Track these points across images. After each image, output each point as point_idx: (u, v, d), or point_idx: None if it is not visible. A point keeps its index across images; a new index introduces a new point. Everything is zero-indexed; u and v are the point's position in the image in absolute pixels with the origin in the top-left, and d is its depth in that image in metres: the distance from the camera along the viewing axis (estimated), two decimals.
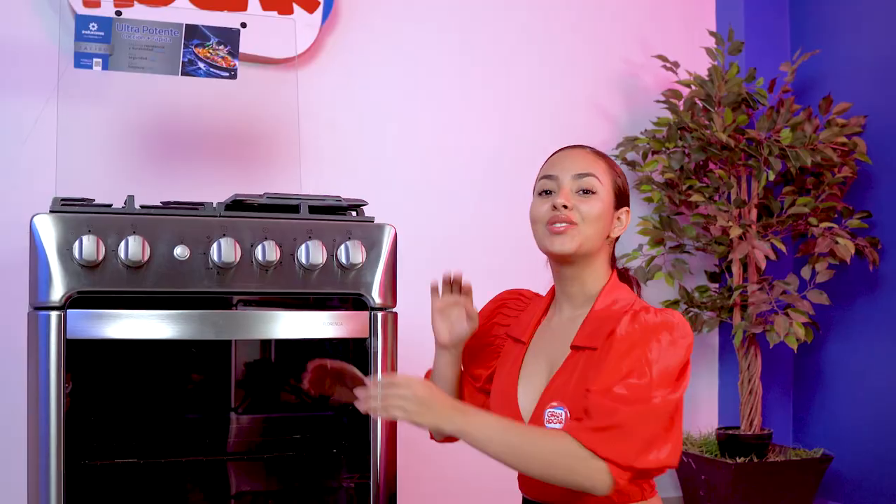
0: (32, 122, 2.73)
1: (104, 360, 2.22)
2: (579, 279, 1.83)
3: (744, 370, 3.24)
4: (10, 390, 2.65)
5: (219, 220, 1.78)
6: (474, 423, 1.64)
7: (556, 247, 1.79)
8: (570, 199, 1.79)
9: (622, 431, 1.61)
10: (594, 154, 1.86)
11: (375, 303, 1.86)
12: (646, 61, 3.52)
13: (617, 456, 1.60)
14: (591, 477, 1.61)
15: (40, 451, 1.70)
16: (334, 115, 3.10)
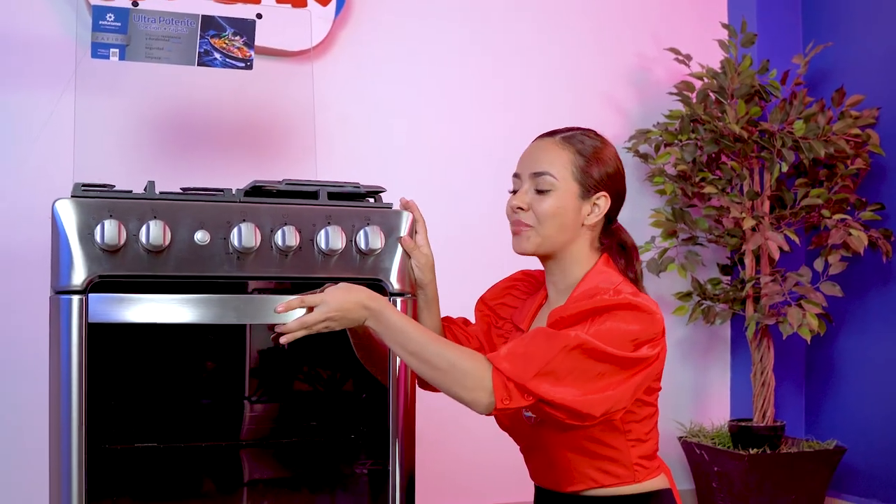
0: (49, 113, 2.75)
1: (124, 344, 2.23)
2: (559, 268, 1.83)
3: (756, 362, 3.24)
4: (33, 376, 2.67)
5: (239, 206, 1.79)
6: (391, 310, 1.69)
7: (516, 248, 1.83)
8: (524, 200, 1.79)
9: (526, 352, 1.61)
10: (560, 144, 1.80)
11: (394, 288, 1.87)
12: (658, 54, 3.53)
13: (511, 371, 1.60)
14: (474, 389, 1.62)
15: (62, 435, 1.70)
16: (347, 107, 3.12)
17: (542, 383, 1.59)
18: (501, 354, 1.63)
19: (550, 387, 1.59)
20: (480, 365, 1.62)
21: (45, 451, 1.78)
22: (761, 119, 3.32)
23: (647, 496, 1.75)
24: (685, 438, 3.31)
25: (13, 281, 2.78)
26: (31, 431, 2.69)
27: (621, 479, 1.73)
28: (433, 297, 1.95)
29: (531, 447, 1.82)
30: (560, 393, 1.59)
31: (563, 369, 1.60)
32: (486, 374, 1.61)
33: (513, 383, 1.59)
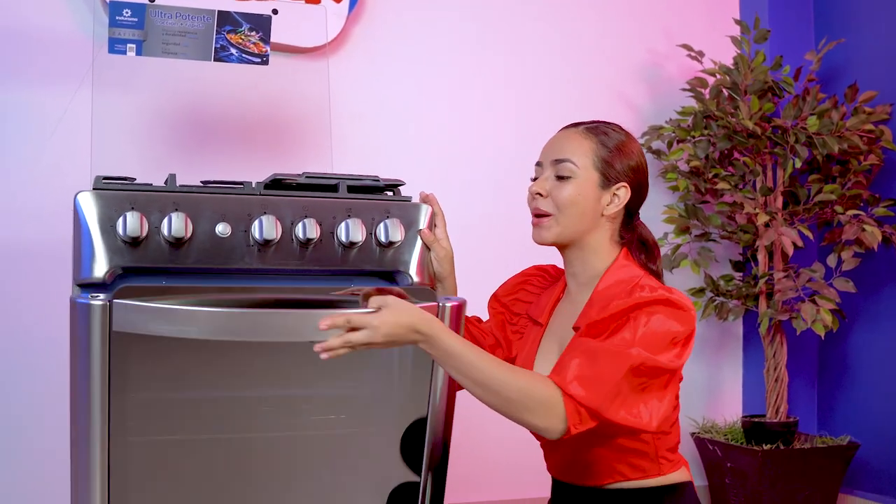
0: (64, 110, 2.76)
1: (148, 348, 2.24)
2: (580, 260, 1.83)
3: (769, 358, 3.24)
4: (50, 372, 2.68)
5: (259, 199, 1.79)
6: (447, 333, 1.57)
7: (536, 239, 1.83)
8: (544, 187, 1.80)
9: (593, 374, 1.58)
10: (583, 133, 1.81)
11: (413, 281, 1.87)
12: (670, 51, 3.53)
13: (585, 398, 1.57)
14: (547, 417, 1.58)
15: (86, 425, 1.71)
16: (360, 103, 3.13)
17: (612, 406, 1.58)
18: (569, 378, 1.58)
19: (618, 409, 1.59)
20: (551, 391, 1.58)
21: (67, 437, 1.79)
22: (774, 115, 3.32)
23: (672, 488, 1.75)
24: (698, 434, 3.31)
25: (30, 276, 2.80)
26: (50, 427, 2.71)
27: (647, 472, 1.73)
28: (452, 290, 1.95)
29: (556, 443, 1.80)
30: (625, 414, 1.60)
31: (628, 389, 1.60)
32: (557, 401, 1.57)
33: (585, 409, 1.58)
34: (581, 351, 1.62)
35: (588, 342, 1.63)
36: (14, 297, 2.79)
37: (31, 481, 2.78)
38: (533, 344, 1.89)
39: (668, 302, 1.66)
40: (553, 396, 1.57)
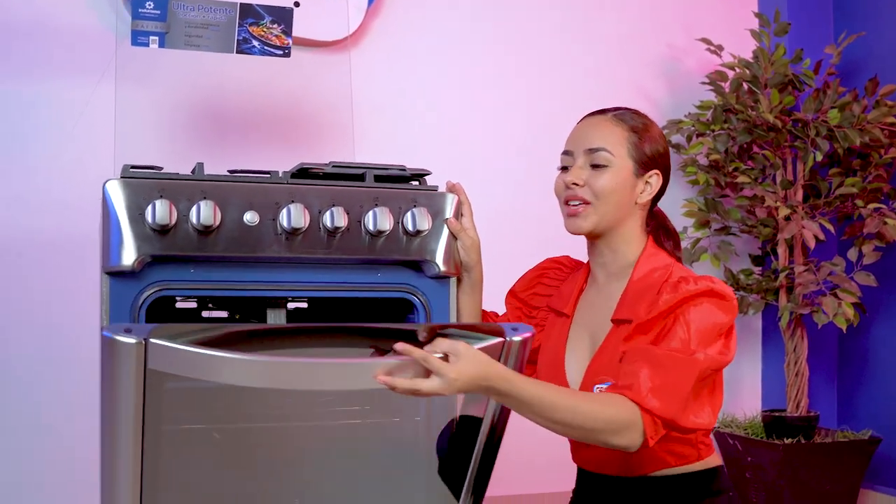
0: (87, 101, 2.76)
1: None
2: (611, 249, 1.82)
3: (790, 352, 3.23)
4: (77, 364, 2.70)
5: (287, 187, 1.79)
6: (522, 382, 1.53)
7: (571, 228, 1.81)
8: (581, 176, 1.78)
9: (666, 384, 1.59)
10: (613, 121, 1.81)
11: (440, 270, 1.86)
12: (688, 45, 3.52)
13: (661, 409, 1.58)
14: (628, 436, 1.58)
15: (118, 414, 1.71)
16: (379, 96, 3.13)
17: (684, 414, 1.61)
18: (644, 391, 1.58)
19: (689, 415, 1.62)
20: (631, 410, 1.58)
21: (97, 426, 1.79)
22: (794, 109, 3.31)
23: (709, 473, 1.75)
24: (718, 429, 3.30)
25: (54, 267, 2.81)
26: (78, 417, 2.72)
27: (688, 458, 1.73)
28: (478, 279, 1.95)
29: None
30: (693, 419, 1.63)
31: (695, 394, 1.63)
32: (637, 418, 1.57)
33: (660, 420, 1.59)
34: (647, 360, 1.62)
35: (651, 350, 1.63)
36: (39, 288, 2.81)
37: (60, 470, 2.79)
38: (560, 335, 1.88)
39: (713, 293, 1.67)
40: (634, 415, 1.58)
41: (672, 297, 1.67)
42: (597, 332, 1.82)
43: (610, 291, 1.83)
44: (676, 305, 1.66)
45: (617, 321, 1.77)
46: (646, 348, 1.64)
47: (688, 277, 1.71)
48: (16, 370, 2.78)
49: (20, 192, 2.79)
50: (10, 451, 2.77)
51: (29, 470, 2.77)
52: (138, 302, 1.73)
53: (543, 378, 1.88)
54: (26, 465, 2.77)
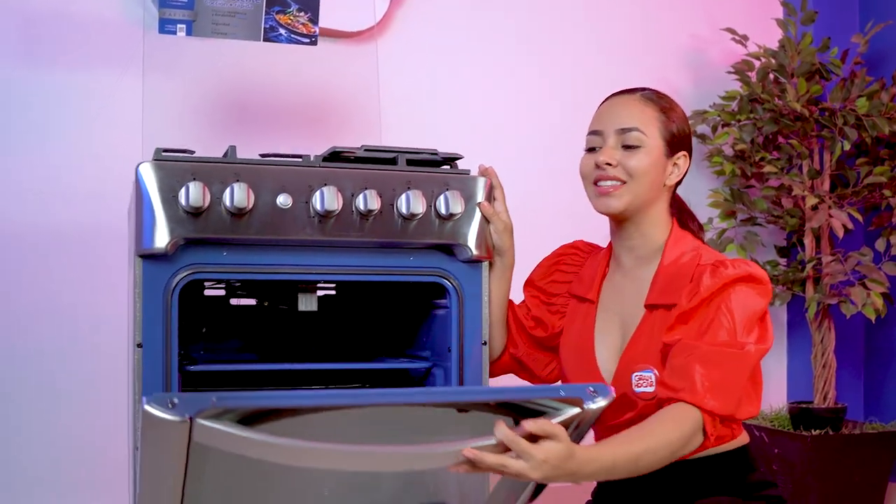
0: (113, 91, 2.77)
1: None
2: (639, 232, 1.80)
3: (817, 343, 3.21)
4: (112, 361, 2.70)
5: (320, 170, 1.78)
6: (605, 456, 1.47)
7: (602, 207, 1.79)
8: (614, 157, 1.76)
9: (723, 381, 1.58)
10: (643, 101, 1.80)
11: (473, 254, 1.85)
12: (712, 36, 3.51)
13: (720, 408, 1.58)
14: (695, 441, 1.59)
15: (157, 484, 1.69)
16: (403, 85, 3.12)
17: (740, 408, 1.62)
18: (701, 392, 1.57)
19: (744, 408, 1.64)
20: (692, 416, 1.57)
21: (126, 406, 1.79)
22: (821, 98, 3.29)
23: (741, 451, 1.74)
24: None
25: (80, 257, 2.81)
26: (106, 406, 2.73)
27: (724, 438, 1.72)
28: (510, 264, 1.94)
29: (633, 423, 1.76)
30: (746, 409, 1.65)
31: (748, 385, 1.64)
32: (698, 421, 1.57)
33: (719, 417, 1.59)
34: (699, 357, 1.60)
35: (701, 346, 1.61)
36: (64, 278, 2.81)
37: (88, 459, 2.80)
38: (586, 321, 1.87)
39: (751, 277, 1.66)
40: (696, 420, 1.57)
41: (713, 282, 1.65)
42: (628, 318, 1.80)
43: (639, 276, 1.81)
44: (718, 292, 1.65)
45: (650, 306, 1.75)
46: (695, 344, 1.62)
47: (724, 261, 1.70)
48: (40, 362, 2.79)
49: (44, 184, 2.79)
50: (31, 442, 2.77)
51: (49, 462, 2.78)
52: (171, 285, 1.73)
53: (571, 367, 1.86)
54: (45, 459, 2.78)
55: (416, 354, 2.09)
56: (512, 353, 1.98)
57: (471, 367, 1.88)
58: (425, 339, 2.05)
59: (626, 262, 1.84)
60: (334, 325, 2.39)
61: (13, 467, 2.75)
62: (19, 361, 2.77)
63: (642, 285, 1.79)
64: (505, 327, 1.97)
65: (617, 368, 1.77)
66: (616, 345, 1.80)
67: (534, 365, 1.98)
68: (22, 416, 2.77)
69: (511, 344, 1.98)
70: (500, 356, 1.98)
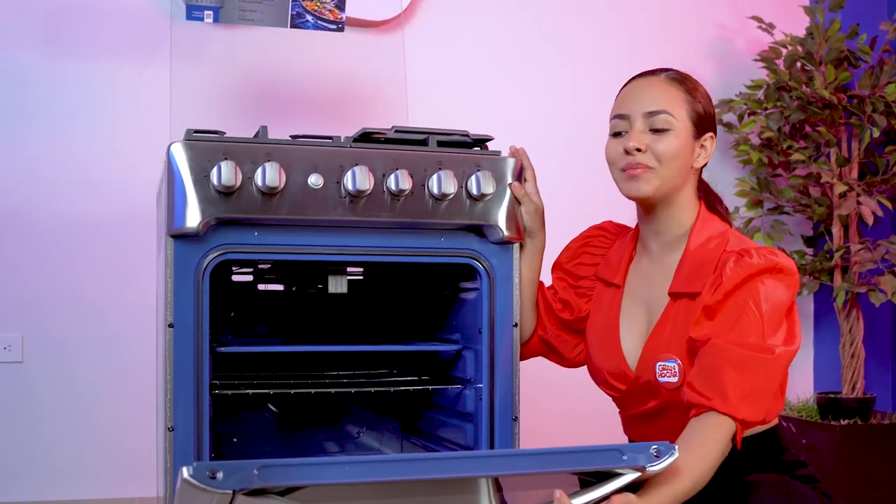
0: (138, 80, 2.77)
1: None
2: (668, 216, 1.77)
3: (845, 333, 3.18)
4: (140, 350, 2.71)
5: (351, 150, 1.78)
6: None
7: (632, 192, 1.75)
8: (643, 141, 1.72)
9: (755, 390, 1.57)
10: (668, 82, 1.76)
11: (504, 235, 1.85)
12: (738, 25, 3.49)
13: (752, 416, 1.57)
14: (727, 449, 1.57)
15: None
16: (432, 72, 3.12)
17: (772, 411, 1.62)
18: (733, 401, 1.54)
19: (774, 409, 1.64)
20: (725, 427, 1.56)
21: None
22: (849, 86, 3.26)
23: (773, 432, 1.72)
24: None
25: (107, 246, 2.82)
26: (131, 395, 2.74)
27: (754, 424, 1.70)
28: (540, 246, 1.93)
29: (657, 411, 1.74)
30: (776, 407, 1.65)
31: (778, 388, 1.64)
32: (731, 431, 1.56)
33: (751, 423, 1.58)
34: (731, 363, 1.56)
35: (732, 349, 1.57)
36: (89, 268, 2.82)
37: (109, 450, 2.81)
38: (612, 306, 1.85)
39: (777, 268, 1.63)
40: (730, 431, 1.56)
41: (737, 273, 1.62)
42: (653, 305, 1.78)
43: (665, 263, 1.78)
44: (743, 283, 1.61)
45: (675, 295, 1.73)
46: (725, 346, 1.57)
47: (749, 250, 1.65)
48: (64, 353, 2.80)
49: (70, 175, 2.81)
50: (55, 432, 2.79)
51: (73, 453, 2.80)
52: (202, 265, 1.73)
53: (597, 351, 1.85)
54: (68, 450, 2.79)
55: (445, 338, 2.08)
56: (541, 335, 1.97)
57: (502, 349, 1.87)
58: (455, 322, 2.04)
59: (652, 247, 1.82)
60: (362, 310, 2.39)
61: (37, 458, 2.77)
62: (44, 352, 2.79)
63: (668, 272, 1.77)
64: (535, 310, 1.96)
65: (641, 355, 1.75)
66: (641, 331, 1.79)
67: (562, 347, 1.97)
68: (45, 406, 2.78)
69: (540, 326, 1.97)
70: (529, 339, 1.97)
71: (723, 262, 1.66)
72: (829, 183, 3.08)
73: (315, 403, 2.35)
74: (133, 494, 2.82)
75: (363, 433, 2.41)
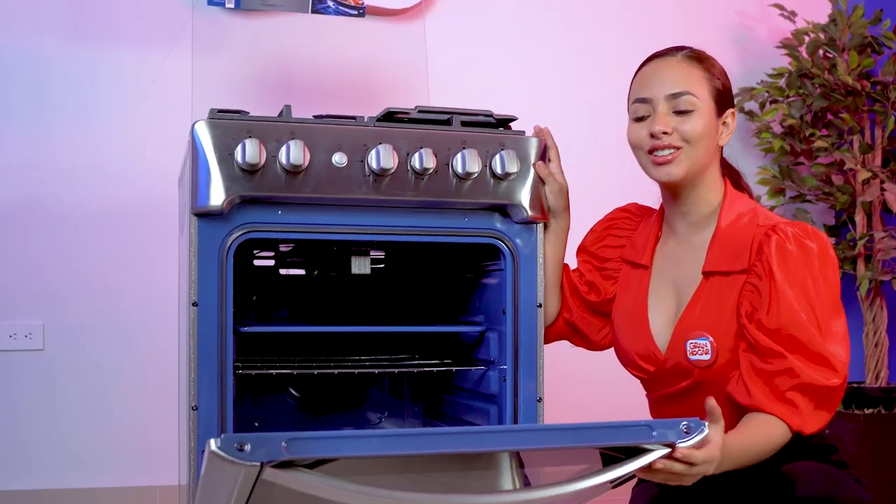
0: (162, 66, 2.78)
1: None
2: (696, 196, 1.76)
3: (868, 322, 3.15)
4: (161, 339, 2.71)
5: (375, 129, 1.77)
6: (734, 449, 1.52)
7: (662, 176, 1.74)
8: (668, 124, 1.71)
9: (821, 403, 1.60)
10: (687, 61, 1.75)
11: (528, 214, 1.84)
12: (759, 12, 3.47)
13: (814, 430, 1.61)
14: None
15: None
16: (453, 60, 3.11)
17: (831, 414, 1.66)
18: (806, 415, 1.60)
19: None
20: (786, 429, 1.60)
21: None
22: (872, 72, 3.23)
23: None
24: None
25: (128, 235, 2.83)
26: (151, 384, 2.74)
27: None
28: (565, 227, 1.91)
29: (688, 390, 1.74)
30: None
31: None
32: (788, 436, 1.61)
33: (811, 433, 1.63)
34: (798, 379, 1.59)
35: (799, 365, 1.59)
36: (113, 255, 2.82)
37: (129, 440, 2.81)
38: (640, 288, 1.84)
39: (822, 252, 1.64)
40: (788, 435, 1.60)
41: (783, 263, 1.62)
42: (683, 285, 1.77)
43: (694, 242, 1.78)
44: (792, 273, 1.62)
45: (708, 273, 1.72)
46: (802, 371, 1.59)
47: (785, 229, 1.65)
48: (85, 342, 2.80)
49: (90, 163, 2.81)
50: (77, 421, 2.79)
51: (93, 442, 2.80)
52: (226, 244, 1.72)
53: (624, 333, 1.84)
54: (89, 439, 2.80)
55: (468, 320, 2.08)
56: (566, 318, 1.96)
57: (525, 330, 1.86)
58: (478, 304, 2.04)
59: (679, 228, 1.81)
60: (384, 296, 2.39)
61: (57, 446, 2.77)
62: (64, 340, 2.79)
63: (698, 252, 1.76)
64: (559, 291, 1.95)
65: (672, 336, 1.74)
66: (671, 312, 1.77)
67: (588, 330, 1.96)
68: (66, 394, 2.79)
69: (565, 309, 1.96)
70: (554, 322, 1.96)
71: (758, 241, 1.66)
72: (852, 170, 3.05)
73: (336, 388, 2.34)
74: (154, 483, 2.82)
75: (385, 419, 2.40)
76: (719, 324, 1.68)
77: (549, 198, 1.87)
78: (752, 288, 1.66)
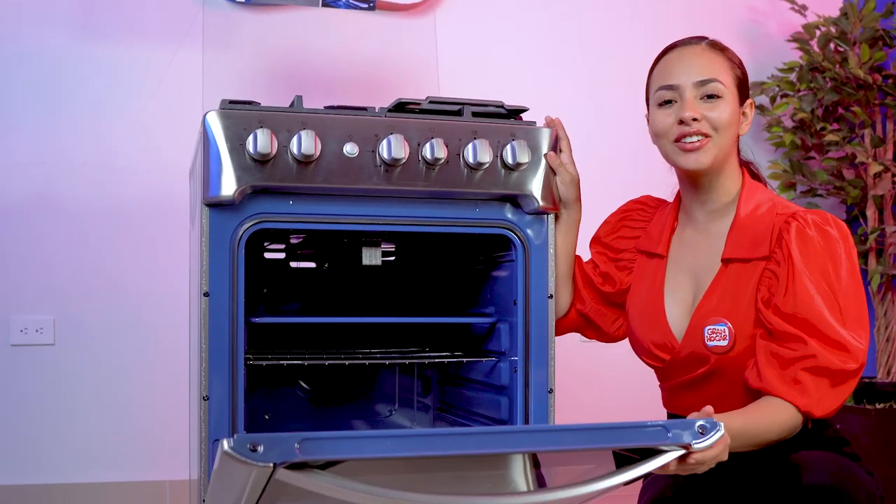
0: (173, 58, 2.78)
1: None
2: (716, 184, 1.76)
3: (880, 317, 3.14)
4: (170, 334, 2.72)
5: (386, 120, 1.77)
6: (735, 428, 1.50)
7: (690, 164, 1.73)
8: (697, 110, 1.71)
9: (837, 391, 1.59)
10: (712, 50, 1.76)
11: (539, 205, 1.83)
12: (769, 7, 3.46)
13: (825, 414, 1.60)
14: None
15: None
16: (463, 55, 3.11)
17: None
18: (816, 400, 1.58)
19: None
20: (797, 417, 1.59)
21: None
22: (883, 66, 3.22)
23: None
24: None
25: (137, 230, 2.83)
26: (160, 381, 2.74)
27: None
28: (576, 218, 1.91)
29: (704, 377, 1.73)
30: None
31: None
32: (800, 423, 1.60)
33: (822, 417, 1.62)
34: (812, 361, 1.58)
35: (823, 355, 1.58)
36: (123, 250, 2.83)
37: (136, 435, 2.81)
38: (656, 277, 1.83)
39: (845, 240, 1.64)
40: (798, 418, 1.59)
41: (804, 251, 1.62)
42: (701, 273, 1.76)
43: (712, 231, 1.77)
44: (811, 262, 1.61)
45: (727, 260, 1.72)
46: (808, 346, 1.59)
47: (805, 216, 1.65)
48: (94, 338, 2.81)
49: (101, 159, 2.81)
50: (84, 418, 2.80)
51: (100, 438, 2.80)
52: (237, 234, 1.72)
53: (640, 323, 1.83)
54: (96, 435, 2.80)
55: (479, 312, 2.07)
56: (579, 309, 1.95)
57: (537, 320, 1.86)
58: (489, 295, 2.03)
59: (698, 217, 1.81)
60: (394, 289, 2.38)
61: (68, 441, 2.78)
62: (75, 335, 2.80)
63: (716, 240, 1.76)
64: (571, 283, 1.94)
65: (689, 324, 1.74)
66: (688, 300, 1.77)
67: (602, 321, 1.95)
68: (77, 389, 2.79)
69: (578, 300, 1.95)
70: (566, 313, 1.95)
71: (778, 230, 1.66)
72: (863, 164, 3.04)
73: (346, 381, 2.34)
74: (163, 478, 2.83)
75: (395, 411, 2.40)
76: (738, 311, 1.68)
77: (560, 188, 1.86)
78: (770, 274, 1.66)
